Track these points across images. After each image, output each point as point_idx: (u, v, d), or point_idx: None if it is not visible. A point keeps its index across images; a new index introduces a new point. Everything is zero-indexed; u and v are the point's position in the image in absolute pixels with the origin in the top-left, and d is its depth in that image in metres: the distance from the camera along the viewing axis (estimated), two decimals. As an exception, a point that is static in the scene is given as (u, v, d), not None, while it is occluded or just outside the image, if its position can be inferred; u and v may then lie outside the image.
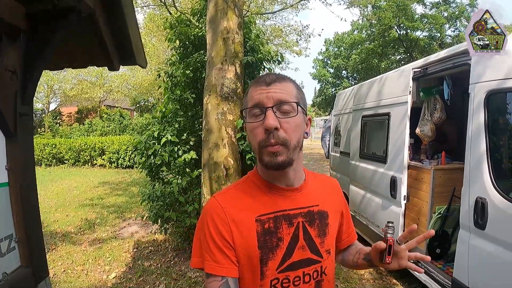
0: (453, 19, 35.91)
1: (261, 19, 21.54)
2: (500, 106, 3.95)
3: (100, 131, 27.28)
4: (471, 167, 4.07)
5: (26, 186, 2.44)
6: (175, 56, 7.40)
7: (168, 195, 6.34)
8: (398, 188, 5.55)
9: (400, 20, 33.67)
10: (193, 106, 7.03)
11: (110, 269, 6.56)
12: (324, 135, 10.78)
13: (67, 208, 11.26)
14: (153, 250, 7.46)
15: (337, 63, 47.23)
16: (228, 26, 5.95)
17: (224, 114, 5.89)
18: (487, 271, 3.80)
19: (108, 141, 21.60)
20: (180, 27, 6.96)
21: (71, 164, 22.05)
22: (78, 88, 32.02)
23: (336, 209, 1.71)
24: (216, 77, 5.91)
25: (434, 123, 5.85)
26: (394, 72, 6.38)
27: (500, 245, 3.60)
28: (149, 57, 23.53)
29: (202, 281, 5.86)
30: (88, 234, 8.66)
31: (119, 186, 15.31)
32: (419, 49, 35.03)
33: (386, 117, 6.06)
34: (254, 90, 1.47)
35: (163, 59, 20.19)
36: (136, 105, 40.33)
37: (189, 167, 6.72)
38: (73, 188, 14.78)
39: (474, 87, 4.10)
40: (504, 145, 3.91)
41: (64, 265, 6.73)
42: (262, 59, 6.78)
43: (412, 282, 5.77)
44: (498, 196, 3.63)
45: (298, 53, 25.19)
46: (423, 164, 5.73)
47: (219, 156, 5.88)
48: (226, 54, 5.94)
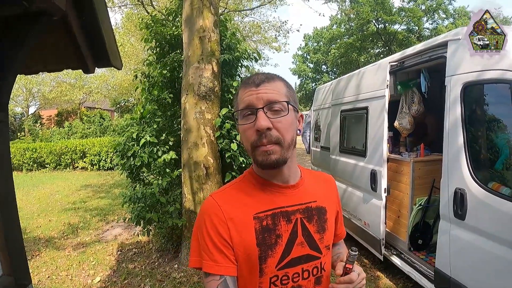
0: (430, 12, 36.30)
1: (240, 16, 21.49)
2: (477, 98, 4.00)
3: (81, 133, 26.97)
4: (450, 158, 4.12)
5: (4, 194, 2.40)
6: (152, 56, 7.34)
7: (149, 196, 6.28)
8: (378, 181, 5.58)
9: (378, 14, 33.93)
10: (172, 106, 6.99)
11: (95, 273, 6.48)
12: (304, 131, 10.77)
13: (50, 213, 11.08)
14: (137, 252, 7.40)
15: (317, 58, 47.48)
16: (204, 25, 5.94)
17: (202, 113, 5.89)
18: (468, 260, 3.85)
19: (89, 144, 21.34)
20: (156, 26, 6.91)
21: (53, 168, 21.73)
22: (57, 91, 31.47)
23: (332, 205, 1.72)
24: (193, 76, 5.90)
25: (412, 116, 5.89)
26: (372, 66, 6.40)
27: (480, 235, 3.66)
28: (127, 57, 23.30)
29: (186, 281, 5.85)
30: (72, 239, 8.54)
31: (101, 188, 15.16)
32: (397, 42, 35.34)
33: (365, 111, 6.08)
34: (243, 92, 1.47)
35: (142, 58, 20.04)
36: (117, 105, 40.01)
37: (169, 167, 6.66)
38: (55, 192, 14.57)
39: (451, 79, 4.14)
40: (481, 136, 3.96)
41: (48, 271, 6.63)
42: (239, 57, 6.76)
43: (396, 274, 5.82)
44: (477, 186, 3.69)
45: (277, 49, 25.20)
46: (402, 156, 5.78)
47: (198, 156, 5.88)
48: (203, 53, 5.93)
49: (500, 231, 3.41)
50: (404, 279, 5.60)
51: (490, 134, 3.87)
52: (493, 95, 3.83)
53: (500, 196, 3.43)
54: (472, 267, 3.82)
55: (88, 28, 3.11)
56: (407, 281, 5.53)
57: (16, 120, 37.75)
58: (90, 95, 33.48)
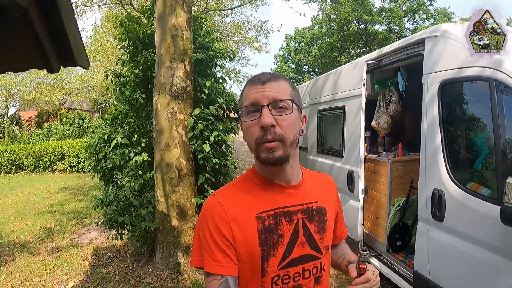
0: (411, 13, 36.73)
1: (220, 15, 21.47)
2: (455, 96, 3.97)
3: (60, 135, 26.78)
4: (427, 158, 4.10)
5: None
6: (125, 56, 7.20)
7: (122, 199, 6.17)
8: (355, 182, 5.57)
9: (358, 14, 34.26)
10: (144, 107, 6.87)
11: (68, 279, 6.35)
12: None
13: (26, 217, 10.90)
14: (112, 256, 7.27)
15: (298, 58, 47.86)
16: (176, 23, 5.85)
17: (174, 114, 5.81)
18: (447, 263, 3.81)
19: (68, 145, 21.07)
20: (129, 25, 6.77)
21: (31, 171, 21.39)
22: (37, 91, 31.28)
23: (333, 206, 1.73)
24: (165, 75, 5.82)
25: (390, 115, 5.87)
26: (348, 65, 6.41)
27: (458, 237, 3.63)
28: (108, 56, 23.32)
29: (160, 286, 5.75)
30: (47, 243, 8.39)
31: (79, 191, 14.95)
32: (378, 42, 35.70)
33: (341, 111, 6.08)
34: (249, 89, 1.49)
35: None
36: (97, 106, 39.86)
37: (142, 169, 6.59)
38: (32, 195, 14.35)
39: (428, 77, 4.14)
40: (460, 135, 3.94)
41: (22, 276, 6.50)
42: (213, 56, 6.63)
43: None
44: (455, 187, 3.66)
45: (258, 49, 25.22)
46: (380, 156, 5.76)
47: (170, 157, 5.81)
48: (175, 52, 5.85)
49: (479, 233, 3.38)
50: (384, 281, 5.53)
51: (469, 133, 3.84)
52: (471, 93, 3.80)
53: (479, 197, 3.39)
54: (451, 270, 3.78)
55: (52, 26, 2.98)
56: (387, 283, 5.47)
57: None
58: (70, 96, 33.34)
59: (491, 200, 3.22)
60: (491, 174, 3.49)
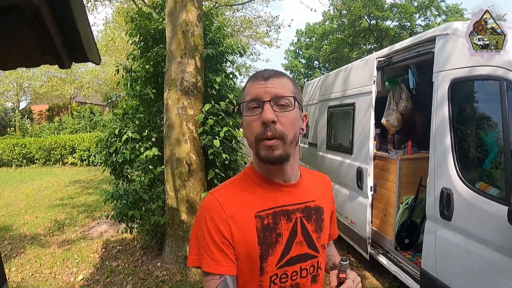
0: (423, 9, 36.41)
1: (231, 10, 21.43)
2: (465, 95, 3.94)
3: (71, 128, 26.82)
4: (437, 157, 4.07)
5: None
6: (136, 51, 7.23)
7: (132, 193, 6.21)
8: (364, 179, 5.53)
9: (370, 10, 33.99)
10: (155, 102, 6.90)
11: (78, 271, 6.42)
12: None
13: (37, 210, 11.00)
14: (121, 249, 7.34)
15: (309, 54, 47.56)
16: (187, 19, 5.86)
17: (185, 109, 5.82)
18: (454, 262, 3.79)
19: (78, 139, 21.23)
20: (140, 20, 6.79)
21: (42, 164, 21.59)
22: (48, 85, 31.41)
23: (329, 205, 1.73)
24: (175, 71, 5.83)
25: (400, 112, 5.83)
26: (359, 61, 6.37)
27: (466, 236, 3.60)
28: (118, 51, 23.37)
29: (169, 279, 5.79)
30: (57, 236, 8.47)
31: (90, 184, 15.08)
32: (389, 38, 35.46)
33: (351, 108, 6.04)
34: (251, 85, 1.48)
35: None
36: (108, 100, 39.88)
37: (152, 164, 6.62)
38: (43, 188, 14.48)
39: (438, 75, 4.09)
40: (470, 134, 3.91)
41: (32, 268, 6.57)
42: (224, 51, 6.64)
43: (382, 273, 5.77)
44: (464, 186, 3.62)
45: (269, 44, 25.23)
46: (389, 154, 5.73)
47: (181, 152, 5.82)
48: (186, 47, 5.85)
49: (487, 233, 3.35)
50: (391, 279, 5.55)
51: (479, 132, 3.81)
52: (482, 92, 3.75)
53: (487, 196, 3.36)
54: (458, 269, 3.76)
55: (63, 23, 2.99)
56: (394, 281, 5.48)
57: (6, 115, 37.57)
58: (81, 89, 33.44)
59: (500, 200, 3.19)
60: (500, 174, 3.45)
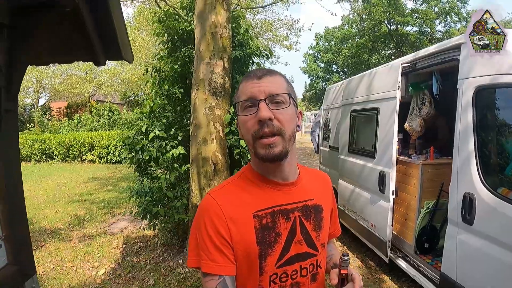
0: (443, 15, 36.10)
1: (251, 13, 21.46)
2: (489, 102, 3.94)
3: (90, 126, 26.94)
4: (460, 162, 4.07)
5: (11, 184, 2.39)
6: (163, 51, 7.34)
7: (156, 191, 6.31)
8: (386, 183, 5.53)
9: (390, 15, 33.81)
10: (182, 101, 7.00)
11: (99, 266, 6.51)
12: (313, 130, 10.74)
13: (57, 204, 11.14)
14: (142, 245, 7.42)
15: (328, 58, 47.38)
16: (216, 21, 5.93)
17: (212, 109, 5.89)
18: (475, 266, 3.81)
19: (97, 136, 21.42)
20: (169, 21, 6.90)
21: (61, 160, 21.83)
22: (67, 83, 31.70)
23: (328, 203, 1.73)
24: (204, 71, 5.91)
25: (422, 118, 5.84)
26: (383, 67, 6.36)
27: (487, 240, 3.61)
28: (139, 51, 23.41)
29: (191, 276, 5.86)
30: (78, 230, 8.58)
31: (108, 181, 15.20)
32: (409, 44, 35.22)
33: (375, 112, 6.05)
34: (245, 84, 1.48)
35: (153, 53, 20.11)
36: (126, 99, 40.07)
37: (177, 162, 6.70)
38: (62, 183, 14.66)
39: (463, 82, 4.09)
40: (492, 141, 3.91)
41: (53, 262, 6.66)
42: (251, 53, 6.74)
43: (401, 277, 5.78)
44: (486, 191, 3.64)
45: (288, 48, 25.19)
46: (411, 159, 5.73)
47: (207, 151, 5.88)
48: (214, 49, 5.92)
49: (508, 238, 3.37)
50: (409, 283, 5.55)
51: (502, 139, 3.83)
52: (506, 100, 3.76)
53: (509, 201, 3.38)
54: (478, 273, 3.78)
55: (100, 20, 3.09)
56: (412, 285, 5.47)
57: (25, 111, 37.85)
58: (100, 88, 33.71)
59: (521, 205, 3.24)
60: (521, 180, 3.51)
